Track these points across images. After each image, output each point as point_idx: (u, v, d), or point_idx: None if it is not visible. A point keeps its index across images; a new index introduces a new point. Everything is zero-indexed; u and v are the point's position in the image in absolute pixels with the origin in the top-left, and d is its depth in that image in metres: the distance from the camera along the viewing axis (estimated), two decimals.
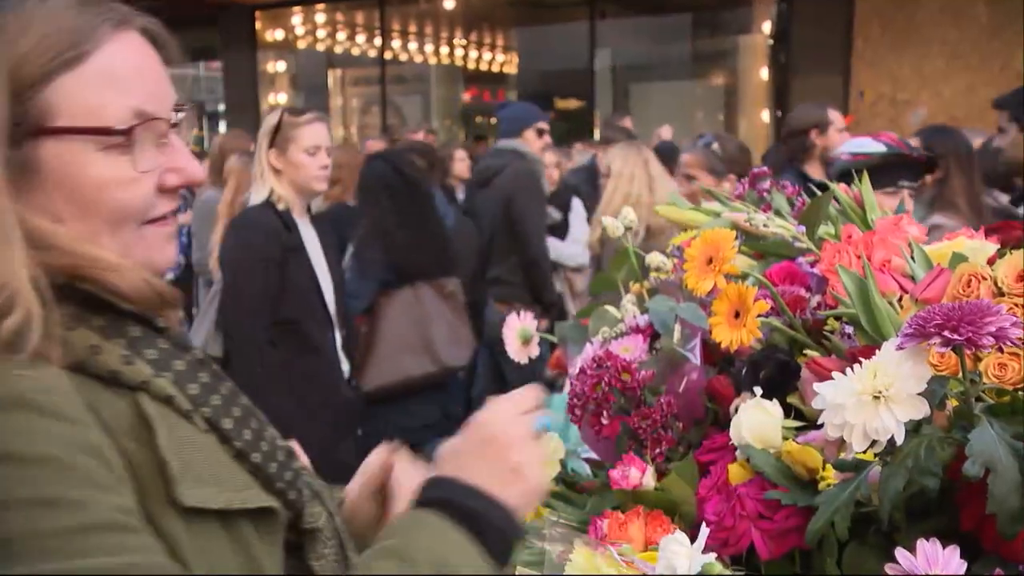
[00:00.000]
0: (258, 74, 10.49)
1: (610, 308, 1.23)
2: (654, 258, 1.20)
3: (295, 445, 0.87)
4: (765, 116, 8.86)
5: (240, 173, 3.86)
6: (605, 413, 1.04)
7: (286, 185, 2.66)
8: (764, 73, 9.08)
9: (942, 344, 0.75)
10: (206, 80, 12.78)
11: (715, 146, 2.85)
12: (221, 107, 11.38)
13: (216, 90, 11.83)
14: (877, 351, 0.81)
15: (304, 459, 0.89)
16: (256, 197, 2.69)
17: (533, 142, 4.14)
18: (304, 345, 2.69)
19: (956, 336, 0.74)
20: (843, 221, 1.34)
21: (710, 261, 1.02)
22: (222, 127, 11.07)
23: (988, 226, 1.38)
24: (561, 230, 4.60)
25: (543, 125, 4.21)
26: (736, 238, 1.26)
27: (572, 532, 0.91)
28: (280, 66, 11.10)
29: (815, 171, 3.45)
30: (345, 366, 2.88)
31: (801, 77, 7.55)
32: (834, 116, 3.57)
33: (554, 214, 4.53)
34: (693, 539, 0.85)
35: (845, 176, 2.18)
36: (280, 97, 11.00)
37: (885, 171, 2.19)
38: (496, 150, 4.33)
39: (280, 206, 2.66)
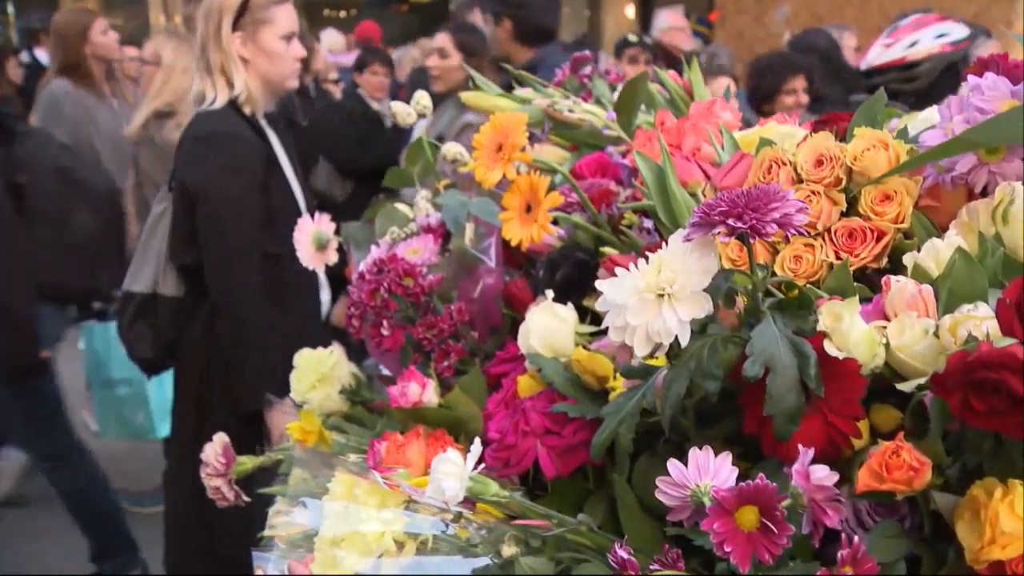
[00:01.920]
0: None
1: (400, 206, 1.10)
2: (451, 148, 1.07)
3: None
4: (630, 12, 8.76)
5: None
6: (385, 323, 0.92)
7: (254, 81, 2.14)
8: None
9: (727, 233, 0.67)
10: None
11: None
12: None
13: None
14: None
15: None
16: (216, 98, 2.12)
17: None
18: (287, 286, 2.17)
19: (740, 224, 0.65)
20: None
21: (500, 148, 0.90)
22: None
23: (819, 117, 1.33)
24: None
25: None
26: (544, 126, 1.15)
27: (334, 458, 0.80)
28: None
29: None
30: (325, 307, 2.41)
31: None
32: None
33: None
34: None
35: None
36: None
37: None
38: None
39: (247, 109, 2.14)
